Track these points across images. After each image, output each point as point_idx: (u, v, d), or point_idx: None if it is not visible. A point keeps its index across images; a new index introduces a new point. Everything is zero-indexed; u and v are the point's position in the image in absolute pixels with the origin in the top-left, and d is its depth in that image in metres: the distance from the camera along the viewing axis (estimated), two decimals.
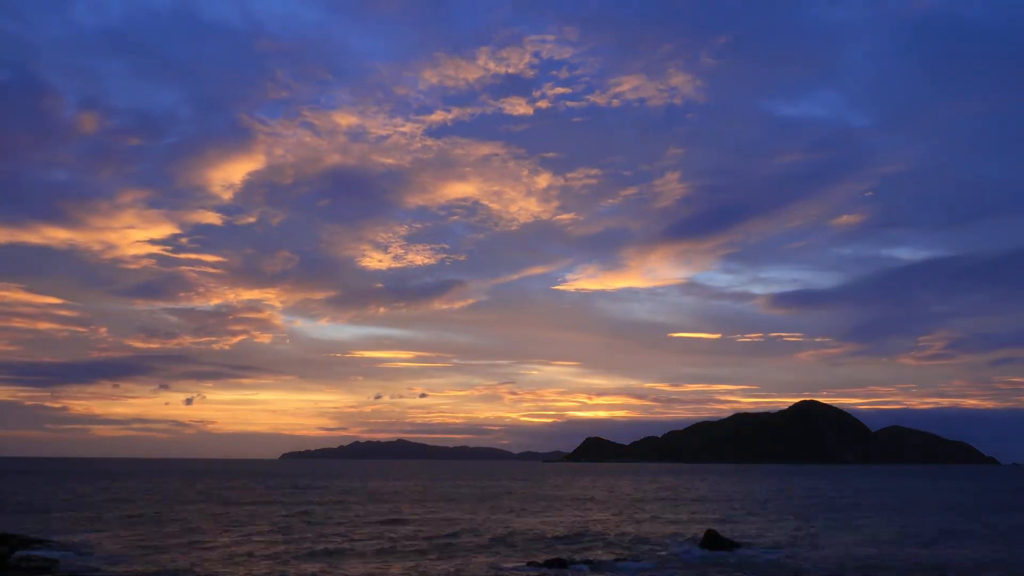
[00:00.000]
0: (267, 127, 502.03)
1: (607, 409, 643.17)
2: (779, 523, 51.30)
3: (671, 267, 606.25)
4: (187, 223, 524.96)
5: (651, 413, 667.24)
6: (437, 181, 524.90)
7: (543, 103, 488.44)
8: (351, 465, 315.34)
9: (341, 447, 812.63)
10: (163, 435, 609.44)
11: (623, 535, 42.78)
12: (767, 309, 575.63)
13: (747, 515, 57.43)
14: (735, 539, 39.56)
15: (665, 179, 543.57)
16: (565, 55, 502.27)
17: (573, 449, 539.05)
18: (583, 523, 49.66)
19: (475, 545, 37.76)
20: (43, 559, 30.07)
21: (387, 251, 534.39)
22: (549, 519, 52.49)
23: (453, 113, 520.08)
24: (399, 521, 49.85)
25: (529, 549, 36.44)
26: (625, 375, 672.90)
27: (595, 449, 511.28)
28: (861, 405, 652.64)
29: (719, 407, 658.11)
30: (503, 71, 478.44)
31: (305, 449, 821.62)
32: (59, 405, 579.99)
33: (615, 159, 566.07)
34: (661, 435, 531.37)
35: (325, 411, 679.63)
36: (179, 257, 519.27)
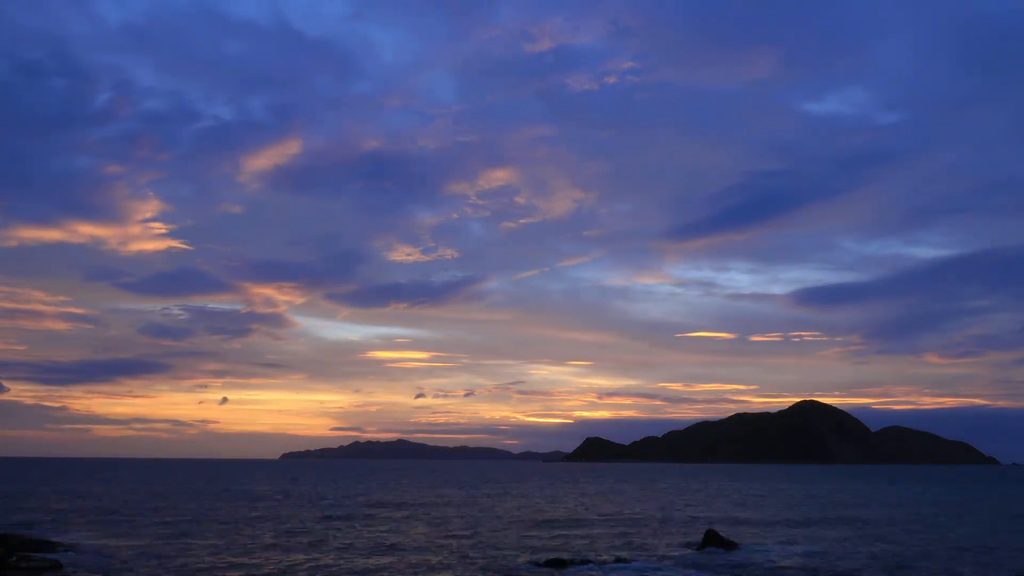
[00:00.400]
0: (291, 122, 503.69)
1: (612, 409, 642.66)
2: (779, 523, 51.32)
3: (690, 265, 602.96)
4: (207, 217, 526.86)
5: (657, 413, 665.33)
6: (460, 177, 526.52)
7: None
8: (350, 468, 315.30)
9: (341, 447, 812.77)
10: (164, 435, 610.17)
11: (623, 535, 42.80)
12: (787, 308, 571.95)
13: (747, 515, 57.46)
14: (735, 539, 39.60)
15: (687, 175, 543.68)
16: (590, 47, 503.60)
17: (573, 449, 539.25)
18: (582, 523, 49.66)
19: (475, 544, 37.79)
20: (44, 560, 30.10)
21: (401, 251, 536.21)
22: (548, 518, 52.48)
23: (474, 109, 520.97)
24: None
25: (529, 549, 36.45)
26: (633, 375, 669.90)
27: (595, 449, 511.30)
28: (868, 404, 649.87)
29: (729, 407, 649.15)
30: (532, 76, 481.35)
31: (305, 449, 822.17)
32: (59, 404, 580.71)
33: (635, 156, 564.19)
34: (661, 435, 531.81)
35: (326, 411, 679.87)
36: (193, 250, 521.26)
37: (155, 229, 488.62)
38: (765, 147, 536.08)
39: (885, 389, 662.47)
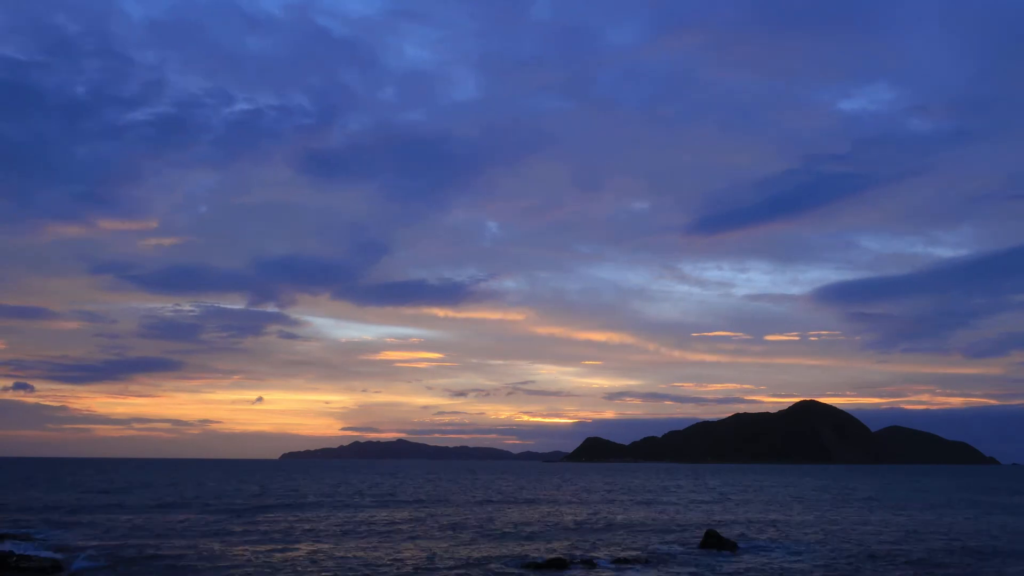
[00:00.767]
0: (314, 118, 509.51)
1: (616, 409, 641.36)
2: (779, 523, 51.33)
3: (708, 264, 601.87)
4: (222, 212, 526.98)
5: (658, 413, 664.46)
6: (479, 176, 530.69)
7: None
8: (350, 467, 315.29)
9: (342, 447, 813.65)
10: (166, 434, 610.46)
11: (623, 535, 42.82)
12: (804, 307, 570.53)
13: (747, 515, 57.49)
14: (735, 539, 39.63)
15: (708, 173, 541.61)
16: (614, 44, 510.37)
17: (573, 449, 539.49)
18: (582, 523, 49.70)
19: (474, 544, 37.81)
20: (44, 559, 30.13)
21: (417, 250, 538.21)
22: (548, 518, 52.52)
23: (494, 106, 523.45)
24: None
25: (528, 549, 36.49)
26: (642, 375, 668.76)
27: (595, 449, 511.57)
28: (871, 404, 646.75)
29: (741, 407, 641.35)
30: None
31: (306, 449, 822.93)
32: (59, 404, 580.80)
33: (656, 154, 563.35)
34: (661, 435, 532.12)
35: (330, 411, 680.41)
36: (204, 246, 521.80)
37: (169, 224, 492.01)
38: (786, 145, 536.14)
39: (900, 388, 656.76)
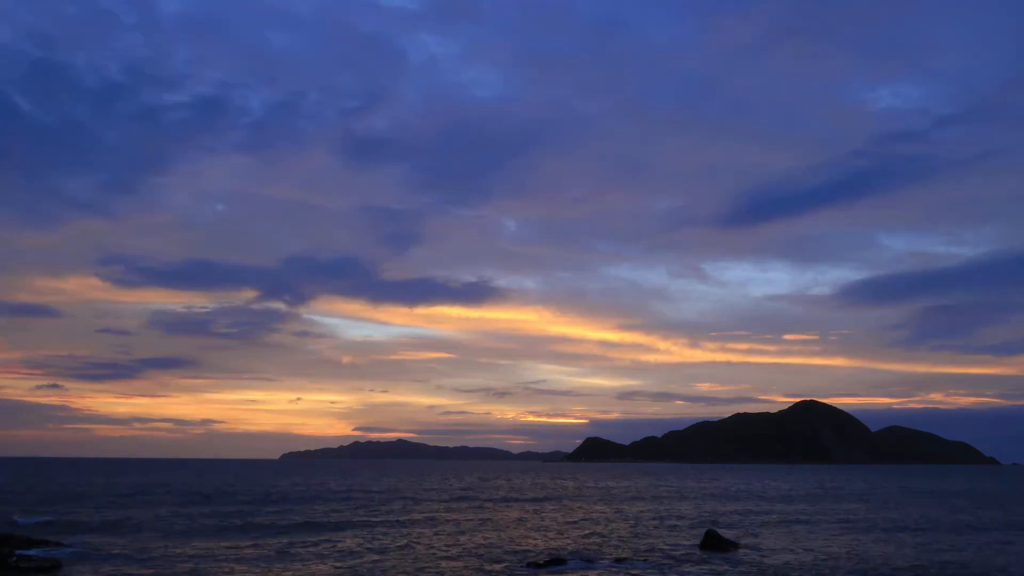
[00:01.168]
0: (359, 101, 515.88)
1: (621, 410, 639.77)
2: (779, 523, 51.33)
3: (727, 262, 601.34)
4: (247, 205, 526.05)
5: (659, 413, 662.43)
6: (496, 175, 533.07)
7: None
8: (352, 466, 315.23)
9: (341, 447, 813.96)
10: (168, 434, 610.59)
11: (623, 535, 42.84)
12: (823, 307, 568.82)
13: (747, 515, 57.47)
14: (735, 539, 39.63)
15: (731, 171, 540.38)
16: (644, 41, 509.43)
17: (573, 449, 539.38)
18: (582, 522, 49.71)
19: (476, 543, 37.82)
20: (45, 559, 30.14)
21: (430, 248, 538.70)
22: (548, 518, 52.54)
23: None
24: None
25: (528, 549, 36.48)
26: (650, 375, 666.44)
27: (595, 449, 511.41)
28: (873, 404, 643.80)
29: (756, 407, 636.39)
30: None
31: (306, 449, 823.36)
32: (59, 403, 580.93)
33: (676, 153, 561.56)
34: (661, 435, 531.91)
35: (331, 411, 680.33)
36: (222, 241, 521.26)
37: (190, 216, 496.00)
38: (812, 143, 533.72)
39: (911, 388, 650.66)
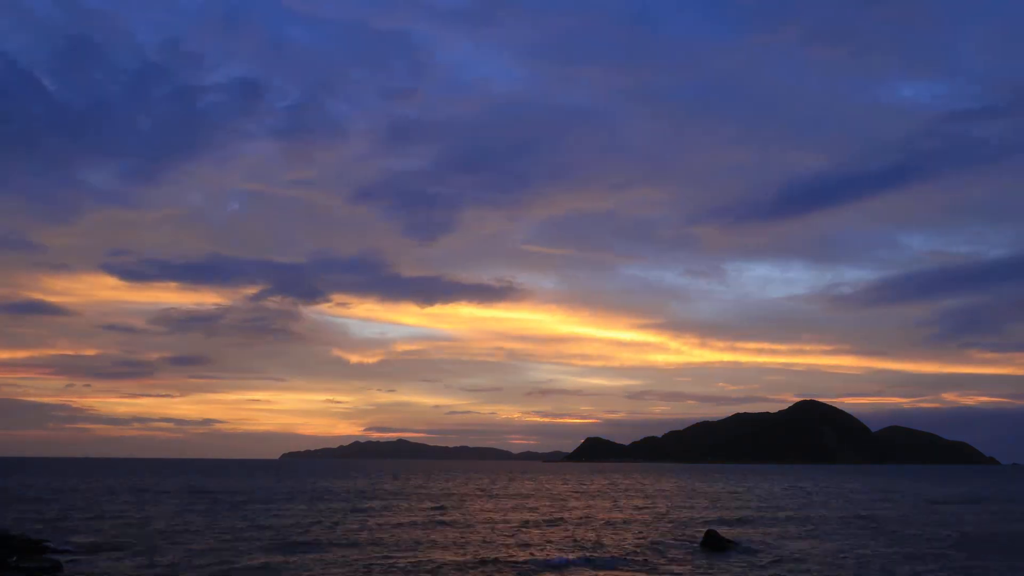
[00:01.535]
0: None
1: (623, 410, 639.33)
2: (779, 523, 51.34)
3: (745, 264, 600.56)
4: (266, 200, 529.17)
5: (659, 414, 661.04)
6: (512, 175, 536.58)
7: None
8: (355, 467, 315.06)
9: (341, 447, 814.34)
10: (167, 434, 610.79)
11: (623, 535, 42.84)
12: (839, 307, 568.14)
13: (747, 515, 57.49)
14: (735, 540, 39.65)
15: (751, 170, 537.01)
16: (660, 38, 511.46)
17: (573, 449, 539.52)
18: (581, 522, 49.70)
19: (474, 543, 37.80)
20: (45, 560, 30.12)
21: (442, 246, 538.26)
22: (549, 517, 52.54)
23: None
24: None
25: (528, 548, 36.49)
26: (656, 375, 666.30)
27: (595, 449, 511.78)
28: (863, 405, 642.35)
29: (768, 406, 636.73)
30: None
31: (305, 449, 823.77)
32: (59, 402, 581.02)
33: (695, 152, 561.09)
34: (661, 435, 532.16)
35: (332, 411, 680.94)
36: (238, 237, 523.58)
37: (209, 210, 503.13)
38: (833, 141, 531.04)
39: (930, 387, 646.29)
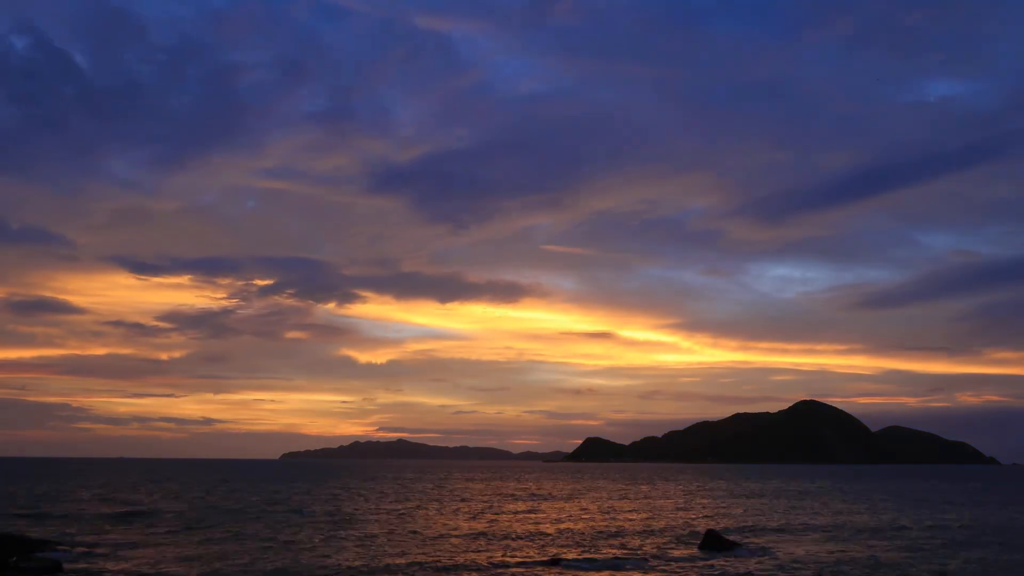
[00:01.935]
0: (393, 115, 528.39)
1: (625, 410, 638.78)
2: (779, 523, 51.32)
3: (763, 264, 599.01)
4: (283, 196, 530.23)
5: (660, 414, 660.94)
6: (528, 174, 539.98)
7: None
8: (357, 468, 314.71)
9: (341, 447, 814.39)
10: (167, 434, 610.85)
11: (623, 535, 42.84)
12: (853, 307, 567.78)
13: (747, 515, 57.50)
14: (735, 540, 39.63)
15: (776, 167, 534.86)
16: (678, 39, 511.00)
17: (573, 449, 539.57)
18: (581, 522, 49.70)
19: (473, 543, 37.81)
20: (45, 560, 30.12)
21: (454, 241, 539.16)
22: (549, 518, 52.54)
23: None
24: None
25: (529, 547, 36.50)
26: (664, 376, 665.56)
27: (595, 449, 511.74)
28: (863, 405, 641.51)
29: (778, 405, 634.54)
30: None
31: (306, 449, 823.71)
32: (60, 402, 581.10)
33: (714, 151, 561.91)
34: (661, 435, 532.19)
35: (332, 411, 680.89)
36: (252, 233, 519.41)
37: (227, 206, 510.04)
38: (853, 140, 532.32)
39: (939, 387, 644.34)
